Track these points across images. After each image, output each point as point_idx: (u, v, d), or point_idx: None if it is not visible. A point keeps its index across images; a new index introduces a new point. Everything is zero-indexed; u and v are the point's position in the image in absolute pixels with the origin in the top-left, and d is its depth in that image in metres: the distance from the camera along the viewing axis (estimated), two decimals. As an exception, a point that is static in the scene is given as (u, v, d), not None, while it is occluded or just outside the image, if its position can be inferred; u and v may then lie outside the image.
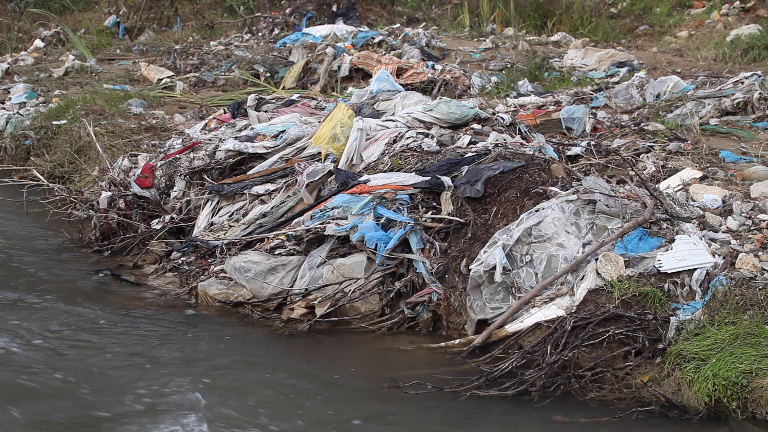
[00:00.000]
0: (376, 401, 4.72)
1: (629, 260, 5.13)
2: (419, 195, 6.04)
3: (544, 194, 5.78)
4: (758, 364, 4.36)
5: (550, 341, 4.83)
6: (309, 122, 7.59)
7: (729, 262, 5.01)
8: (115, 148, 8.50)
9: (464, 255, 5.62)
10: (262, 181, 6.79)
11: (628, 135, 7.38)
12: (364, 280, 5.65)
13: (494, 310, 5.23)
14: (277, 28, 14.34)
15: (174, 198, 7.26)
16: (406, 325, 5.56)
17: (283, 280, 5.83)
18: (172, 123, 9.30)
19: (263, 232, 6.28)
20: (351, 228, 5.79)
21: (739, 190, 5.91)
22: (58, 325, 5.54)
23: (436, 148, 6.56)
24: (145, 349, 5.25)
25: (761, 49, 10.78)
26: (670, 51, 11.84)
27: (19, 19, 16.00)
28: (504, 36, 13.01)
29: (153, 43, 14.10)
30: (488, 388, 4.71)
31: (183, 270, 6.31)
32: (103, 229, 7.15)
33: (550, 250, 5.35)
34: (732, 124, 7.69)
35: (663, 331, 4.77)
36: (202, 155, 7.39)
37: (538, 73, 10.54)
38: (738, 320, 4.64)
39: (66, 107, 9.90)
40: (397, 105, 7.42)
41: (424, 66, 10.40)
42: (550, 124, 7.77)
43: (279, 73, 11.25)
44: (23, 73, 12.36)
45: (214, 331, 5.55)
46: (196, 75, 11.54)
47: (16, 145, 9.53)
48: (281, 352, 5.35)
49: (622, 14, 13.98)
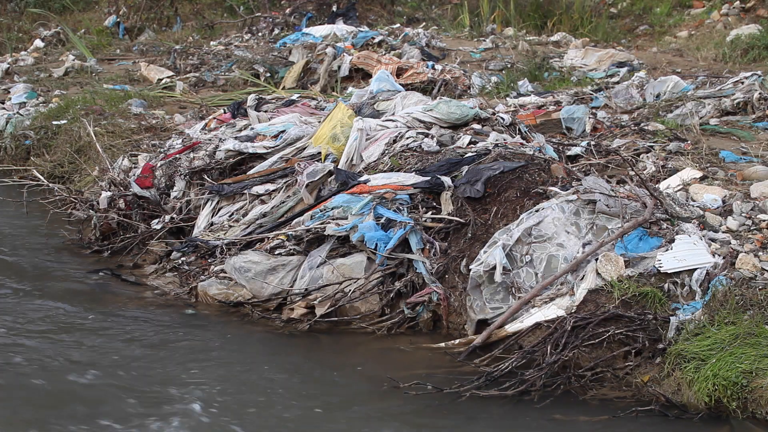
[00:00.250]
0: (376, 401, 4.72)
1: (629, 260, 5.12)
2: (419, 195, 6.04)
3: (544, 194, 5.77)
4: (758, 364, 4.36)
5: (550, 341, 4.83)
6: (309, 122, 7.58)
7: (729, 262, 5.01)
8: (115, 148, 8.50)
9: (464, 255, 5.62)
10: (262, 181, 6.78)
11: (628, 135, 7.38)
12: (364, 280, 5.64)
13: (494, 310, 5.23)
14: (277, 28, 14.34)
15: (174, 198, 7.26)
16: (406, 325, 5.56)
17: (283, 280, 5.83)
18: (172, 123, 9.29)
19: (263, 232, 6.28)
20: (351, 228, 5.79)
21: (739, 190, 5.91)
22: (58, 324, 5.54)
23: (436, 148, 6.55)
24: (145, 348, 5.25)
25: (761, 49, 10.78)
26: (670, 51, 11.84)
27: (19, 19, 15.99)
28: (504, 36, 13.01)
29: (153, 43, 14.10)
30: (488, 388, 4.70)
31: (183, 270, 6.31)
32: (103, 229, 7.15)
33: (550, 250, 5.35)
34: (732, 124, 7.69)
35: (663, 331, 4.77)
36: (202, 155, 7.39)
37: (538, 73, 10.54)
38: (738, 320, 4.64)
39: (66, 107, 9.90)
40: (397, 105, 7.41)
41: (424, 66, 10.40)
42: (550, 124, 7.77)
43: (279, 73, 11.25)
44: (23, 73, 12.36)
45: (214, 331, 5.55)
46: (196, 75, 11.54)
47: (16, 145, 9.53)
48: (281, 352, 5.35)
49: (622, 14, 13.98)
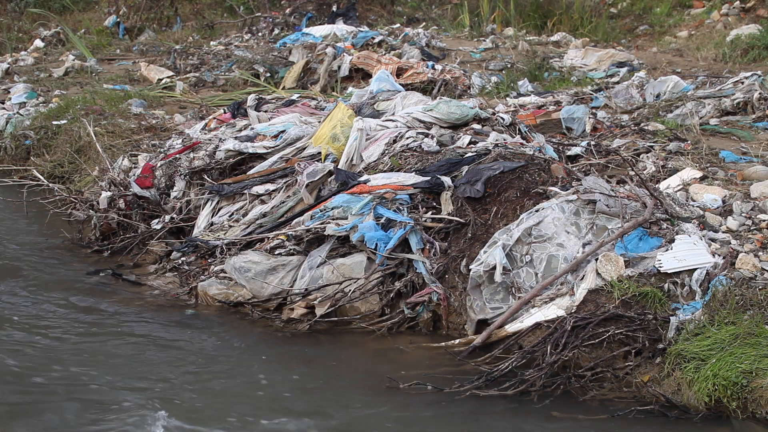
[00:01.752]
0: (376, 401, 4.71)
1: (629, 260, 5.12)
2: (419, 195, 6.04)
3: (544, 194, 5.77)
4: (758, 364, 4.36)
5: (550, 341, 4.84)
6: (309, 122, 7.58)
7: (729, 262, 5.01)
8: (115, 148, 8.50)
9: (464, 255, 5.62)
10: (262, 181, 6.79)
11: (628, 135, 7.38)
12: (364, 280, 5.64)
13: (494, 310, 5.23)
14: (277, 28, 14.35)
15: (174, 198, 7.26)
16: (406, 325, 5.56)
17: (283, 280, 5.83)
18: (172, 123, 9.30)
19: (263, 232, 6.28)
20: (351, 228, 5.79)
21: (739, 190, 5.91)
22: (58, 324, 5.54)
23: (436, 148, 6.55)
24: (145, 348, 5.25)
25: (761, 49, 10.79)
26: (670, 51, 11.85)
27: (19, 19, 16.00)
28: (504, 36, 13.02)
29: (153, 43, 14.11)
30: (488, 388, 4.71)
31: (183, 270, 6.31)
32: (103, 229, 7.15)
33: (550, 250, 5.35)
34: (732, 124, 7.69)
35: (663, 331, 4.77)
36: (202, 155, 7.39)
37: (538, 73, 10.54)
38: (738, 320, 4.64)
39: (66, 107, 9.91)
40: (397, 105, 7.41)
41: (424, 66, 10.40)
42: (550, 124, 7.77)
43: (279, 73, 11.25)
44: (23, 73, 12.37)
45: (214, 331, 5.55)
46: (196, 75, 11.54)
47: (16, 145, 9.53)
48: (281, 352, 5.34)
49: (622, 14, 13.98)
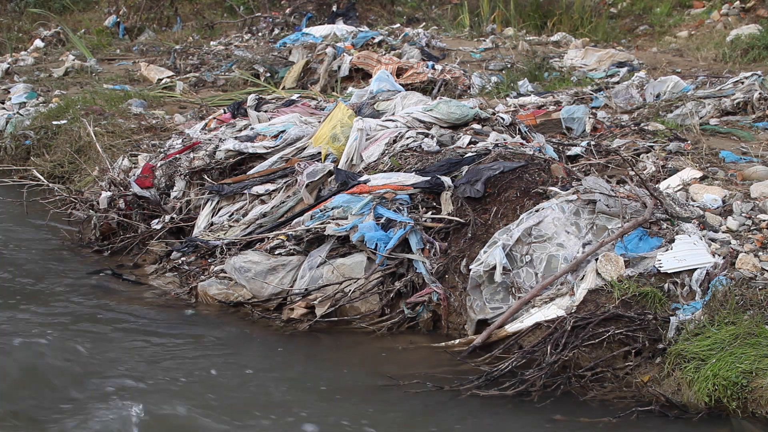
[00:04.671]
0: (376, 401, 4.71)
1: (629, 260, 5.12)
2: (419, 195, 6.04)
3: (544, 194, 5.77)
4: (758, 364, 4.35)
5: (550, 341, 4.83)
6: (309, 122, 7.58)
7: (729, 262, 5.01)
8: (115, 148, 8.51)
9: (464, 255, 5.62)
10: (262, 181, 6.79)
11: (628, 135, 7.38)
12: (364, 280, 5.64)
13: (494, 310, 5.23)
14: (277, 28, 14.36)
15: (174, 198, 7.26)
16: (406, 325, 5.56)
17: (283, 280, 5.83)
18: (172, 123, 9.30)
19: (263, 232, 6.28)
20: (351, 228, 5.79)
21: (739, 190, 5.91)
22: (57, 324, 5.53)
23: (436, 148, 6.56)
24: (145, 349, 5.25)
25: (761, 49, 10.79)
26: (670, 51, 11.85)
27: (19, 19, 16.01)
28: (504, 36, 13.02)
29: (153, 43, 14.12)
30: (488, 388, 4.71)
31: (183, 270, 6.31)
32: (103, 229, 7.15)
33: (550, 250, 5.35)
34: (732, 124, 7.70)
35: (663, 331, 4.76)
36: (202, 155, 7.39)
37: (538, 73, 10.55)
38: (738, 320, 4.64)
39: (66, 107, 9.91)
40: (397, 105, 7.41)
41: (424, 66, 10.40)
42: (550, 124, 7.77)
43: (279, 73, 11.25)
44: (23, 73, 12.38)
45: (214, 331, 5.55)
46: (196, 75, 11.54)
47: (16, 145, 9.53)
48: (281, 352, 5.35)
49: (622, 14, 13.99)
